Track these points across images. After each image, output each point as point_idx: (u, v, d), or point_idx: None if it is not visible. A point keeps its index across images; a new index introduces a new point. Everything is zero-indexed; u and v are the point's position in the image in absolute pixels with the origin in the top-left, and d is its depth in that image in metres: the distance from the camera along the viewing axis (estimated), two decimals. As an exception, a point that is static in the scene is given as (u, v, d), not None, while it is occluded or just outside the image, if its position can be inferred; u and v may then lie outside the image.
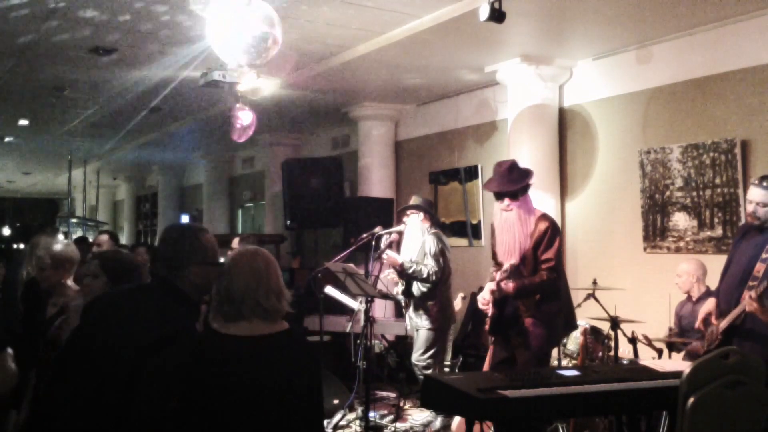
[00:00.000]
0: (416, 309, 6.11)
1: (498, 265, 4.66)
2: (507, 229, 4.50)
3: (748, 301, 3.83)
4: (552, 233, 4.45)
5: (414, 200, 6.24)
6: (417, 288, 6.09)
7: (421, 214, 6.15)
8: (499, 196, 4.51)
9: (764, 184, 4.01)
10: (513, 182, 4.47)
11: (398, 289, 6.26)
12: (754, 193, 4.04)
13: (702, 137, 5.90)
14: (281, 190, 9.56)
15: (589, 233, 6.94)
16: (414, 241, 6.11)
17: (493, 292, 4.49)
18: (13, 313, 3.77)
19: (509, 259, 4.48)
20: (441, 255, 5.99)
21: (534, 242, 4.44)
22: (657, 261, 6.23)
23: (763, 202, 4.00)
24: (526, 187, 4.52)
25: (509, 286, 4.42)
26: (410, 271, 5.91)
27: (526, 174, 4.55)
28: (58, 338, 3.52)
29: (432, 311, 6.02)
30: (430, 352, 6.02)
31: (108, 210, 21.49)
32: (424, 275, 5.90)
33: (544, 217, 4.55)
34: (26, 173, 17.76)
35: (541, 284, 4.42)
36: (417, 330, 6.11)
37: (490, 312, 4.58)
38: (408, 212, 6.19)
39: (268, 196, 11.77)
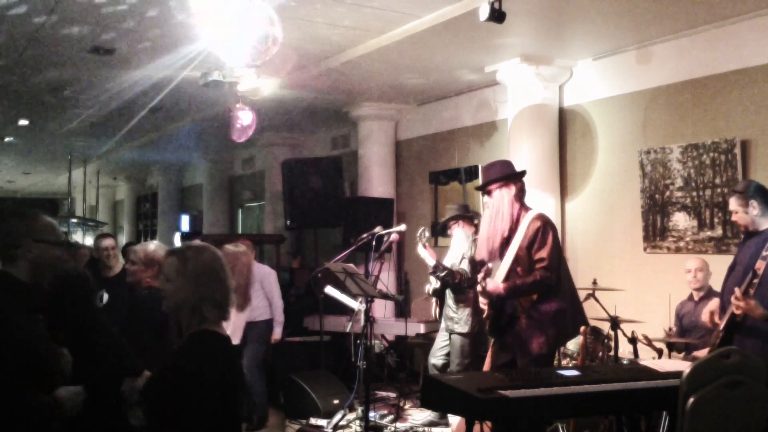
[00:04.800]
0: (449, 312, 6.03)
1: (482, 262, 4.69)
2: (482, 224, 4.61)
3: (734, 302, 3.81)
4: (544, 232, 4.37)
5: (449, 212, 6.21)
6: (448, 290, 6.05)
7: (460, 222, 6.14)
8: (479, 189, 4.71)
9: (736, 188, 4.10)
10: (489, 175, 4.55)
11: (430, 288, 6.16)
12: (731, 203, 4.09)
13: (702, 137, 5.90)
14: (281, 190, 9.56)
15: (589, 233, 6.94)
16: (459, 249, 6.08)
17: (480, 294, 4.47)
18: None
19: (480, 254, 4.54)
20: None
21: (528, 242, 4.39)
22: (657, 261, 6.23)
23: (739, 210, 4.05)
24: (508, 180, 4.49)
25: (499, 287, 4.38)
26: (442, 274, 5.83)
27: (506, 166, 4.58)
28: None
29: (465, 315, 5.94)
30: (468, 361, 5.90)
31: (108, 210, 21.48)
32: (456, 280, 5.84)
33: (538, 216, 4.47)
34: (26, 173, 17.75)
35: (535, 284, 4.33)
36: (450, 334, 6.02)
37: (486, 312, 4.56)
38: (450, 225, 6.18)
39: (268, 196, 11.77)
